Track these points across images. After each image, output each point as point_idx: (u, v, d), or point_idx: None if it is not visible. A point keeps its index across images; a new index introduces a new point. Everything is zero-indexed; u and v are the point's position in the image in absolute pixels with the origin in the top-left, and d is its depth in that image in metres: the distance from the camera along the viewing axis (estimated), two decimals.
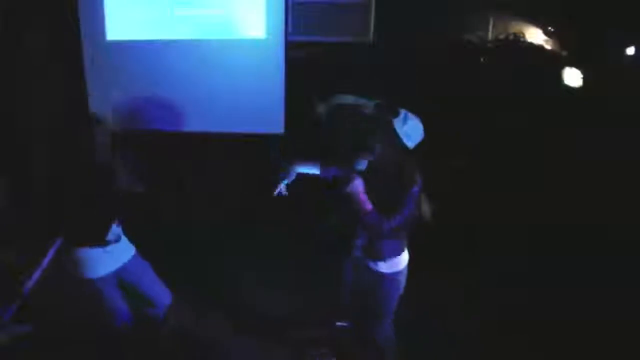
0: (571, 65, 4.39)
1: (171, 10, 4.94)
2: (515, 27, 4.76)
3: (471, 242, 4.18)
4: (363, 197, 2.59)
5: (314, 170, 3.04)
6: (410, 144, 2.58)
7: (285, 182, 3.01)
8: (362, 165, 2.64)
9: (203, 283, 3.94)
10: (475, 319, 3.59)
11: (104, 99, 5.09)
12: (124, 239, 2.90)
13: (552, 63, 4.55)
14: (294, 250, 4.38)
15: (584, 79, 4.35)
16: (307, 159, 3.04)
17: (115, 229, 2.81)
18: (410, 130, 2.59)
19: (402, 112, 2.61)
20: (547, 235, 4.12)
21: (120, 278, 2.89)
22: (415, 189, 2.61)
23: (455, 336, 3.46)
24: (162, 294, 3.07)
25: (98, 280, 2.76)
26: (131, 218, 2.87)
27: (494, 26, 4.78)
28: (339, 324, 3.54)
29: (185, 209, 4.15)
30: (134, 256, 2.95)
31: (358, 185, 2.59)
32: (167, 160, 4.35)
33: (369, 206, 2.58)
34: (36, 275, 3.98)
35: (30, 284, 3.91)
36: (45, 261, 4.13)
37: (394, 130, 2.55)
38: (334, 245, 3.11)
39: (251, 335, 3.52)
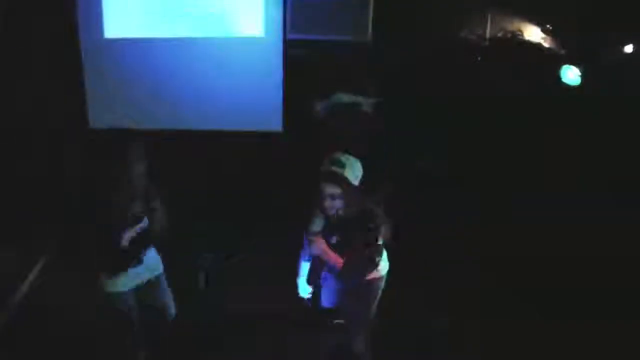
0: (570, 63, 4.39)
1: (169, 8, 4.92)
2: (514, 25, 4.76)
3: (470, 242, 4.19)
4: (330, 253, 2.69)
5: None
6: (356, 182, 2.64)
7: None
8: (317, 225, 2.72)
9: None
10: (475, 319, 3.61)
11: (102, 97, 5.09)
12: (149, 260, 2.91)
13: (551, 61, 4.55)
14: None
15: (582, 77, 4.35)
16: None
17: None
18: (357, 171, 2.65)
19: (343, 158, 2.63)
20: (547, 236, 4.13)
21: (139, 291, 2.93)
22: (379, 227, 2.68)
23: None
24: (170, 305, 3.10)
25: (118, 294, 2.83)
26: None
27: (491, 24, 4.78)
28: (336, 321, 3.56)
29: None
30: (157, 275, 2.99)
31: (320, 243, 2.69)
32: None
33: (339, 261, 2.67)
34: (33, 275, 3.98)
35: (27, 284, 3.92)
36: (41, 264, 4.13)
37: (346, 180, 2.60)
38: None
39: (249, 332, 3.53)
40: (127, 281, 2.82)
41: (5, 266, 3.87)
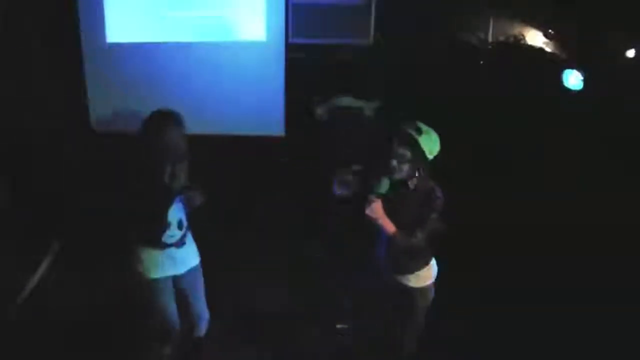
0: (571, 66, 4.40)
1: (172, 13, 4.95)
2: (516, 29, 4.78)
3: (471, 243, 4.16)
4: (384, 219, 2.55)
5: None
6: (431, 157, 2.55)
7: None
8: (383, 187, 2.57)
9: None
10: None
11: (104, 101, 5.11)
12: (189, 247, 2.89)
13: (552, 64, 4.56)
14: (295, 249, 4.40)
15: (584, 80, 4.36)
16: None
17: (177, 233, 2.79)
18: (434, 145, 2.54)
19: (423, 127, 2.53)
20: (547, 236, 4.11)
21: (177, 284, 2.89)
22: (439, 205, 2.59)
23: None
24: (203, 311, 3.05)
25: (155, 281, 2.79)
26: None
27: (493, 29, 4.80)
28: (339, 326, 3.54)
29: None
30: (194, 267, 2.94)
31: (377, 208, 2.53)
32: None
33: (392, 228, 2.55)
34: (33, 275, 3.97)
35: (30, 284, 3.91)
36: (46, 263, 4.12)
37: (419, 146, 2.49)
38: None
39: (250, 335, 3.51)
40: (164, 266, 2.78)
41: (5, 266, 3.86)
